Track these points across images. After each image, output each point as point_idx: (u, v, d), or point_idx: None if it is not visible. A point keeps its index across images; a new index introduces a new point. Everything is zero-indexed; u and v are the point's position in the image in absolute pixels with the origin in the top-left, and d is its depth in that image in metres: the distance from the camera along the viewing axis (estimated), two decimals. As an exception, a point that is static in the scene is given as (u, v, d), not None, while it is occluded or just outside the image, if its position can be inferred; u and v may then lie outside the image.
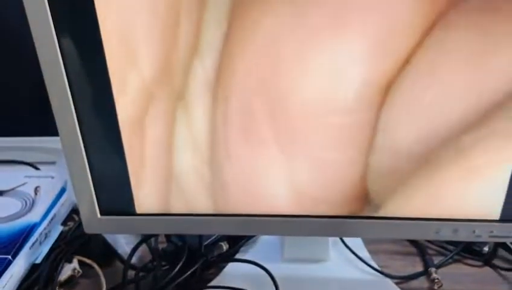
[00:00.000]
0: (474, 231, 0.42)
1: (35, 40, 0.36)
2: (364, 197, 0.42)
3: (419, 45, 0.35)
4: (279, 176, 0.41)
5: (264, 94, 0.38)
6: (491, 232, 0.41)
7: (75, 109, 0.39)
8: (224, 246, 0.54)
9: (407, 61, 0.35)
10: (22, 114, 0.72)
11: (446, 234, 0.42)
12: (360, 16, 0.34)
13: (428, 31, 0.34)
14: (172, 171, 0.42)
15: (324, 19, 0.34)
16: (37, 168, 0.66)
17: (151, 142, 0.41)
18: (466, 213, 0.41)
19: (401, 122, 0.38)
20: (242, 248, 0.56)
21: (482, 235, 0.42)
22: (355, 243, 0.56)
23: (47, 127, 0.62)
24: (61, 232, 0.57)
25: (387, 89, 0.36)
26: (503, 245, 0.54)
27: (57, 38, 0.36)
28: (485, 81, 0.35)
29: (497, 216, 0.41)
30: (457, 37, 0.34)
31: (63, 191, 0.59)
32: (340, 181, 0.41)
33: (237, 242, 0.55)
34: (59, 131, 0.40)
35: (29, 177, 0.61)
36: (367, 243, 0.57)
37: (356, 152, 0.39)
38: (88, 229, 0.45)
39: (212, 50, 0.36)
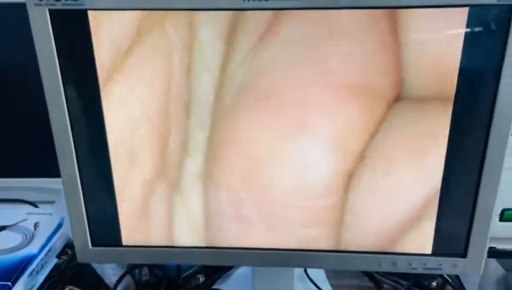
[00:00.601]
0: (410, 264, 0.49)
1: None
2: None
3: (370, 140, 0.43)
4: (262, 242, 0.50)
5: (247, 184, 0.47)
6: (425, 264, 0.49)
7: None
8: (201, 278, 0.61)
9: (362, 154, 0.44)
10: (25, 157, 0.79)
11: (387, 266, 0.49)
12: (319, 121, 0.43)
13: (375, 130, 0.43)
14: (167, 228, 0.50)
15: (291, 125, 0.44)
16: (36, 206, 0.73)
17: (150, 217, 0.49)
18: (403, 248, 0.48)
19: (366, 204, 0.46)
20: (218, 281, 0.63)
21: (418, 267, 0.49)
22: (319, 277, 0.62)
23: (47, 169, 0.69)
24: (56, 264, 0.63)
25: (350, 176, 0.45)
26: (450, 282, 0.61)
27: (74, 144, 0.46)
28: (429, 172, 0.44)
29: (429, 251, 0.48)
30: (398, 134, 0.43)
31: (59, 226, 0.66)
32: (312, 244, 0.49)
33: (213, 275, 0.62)
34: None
35: (30, 214, 0.68)
36: (330, 277, 0.63)
37: (328, 229, 0.48)
38: (81, 258, 0.52)
39: (199, 151, 0.46)
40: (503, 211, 0.53)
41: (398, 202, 0.46)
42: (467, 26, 0.39)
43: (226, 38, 0.41)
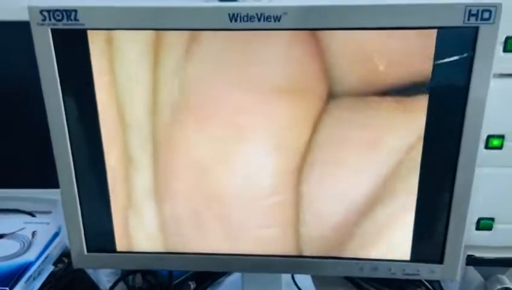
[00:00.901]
0: (390, 269, 0.51)
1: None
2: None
3: (313, 135, 0.46)
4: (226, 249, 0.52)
5: (200, 193, 0.49)
6: (404, 270, 0.51)
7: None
8: (192, 285, 0.63)
9: (307, 148, 0.46)
10: (22, 168, 0.81)
11: (368, 272, 0.51)
12: (255, 124, 0.46)
13: (315, 127, 0.46)
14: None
15: (230, 133, 0.47)
16: (34, 216, 0.75)
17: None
18: (383, 254, 0.51)
19: (320, 198, 0.49)
20: (208, 288, 0.65)
21: (397, 273, 0.51)
22: (306, 284, 0.65)
23: (44, 180, 0.72)
24: (52, 272, 0.65)
25: (299, 172, 0.47)
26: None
27: (72, 157, 0.49)
28: (378, 162, 0.47)
29: (408, 257, 0.51)
30: (341, 129, 0.46)
31: (56, 235, 0.68)
32: (278, 247, 0.52)
33: (204, 282, 0.64)
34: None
35: (28, 223, 0.70)
36: (317, 285, 0.66)
37: (285, 227, 0.50)
38: (76, 264, 0.54)
39: (145, 165, 0.49)
40: (479, 220, 0.55)
41: (353, 196, 0.48)
42: (436, 47, 0.42)
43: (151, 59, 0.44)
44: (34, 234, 0.68)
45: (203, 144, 0.47)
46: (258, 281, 0.61)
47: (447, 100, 0.44)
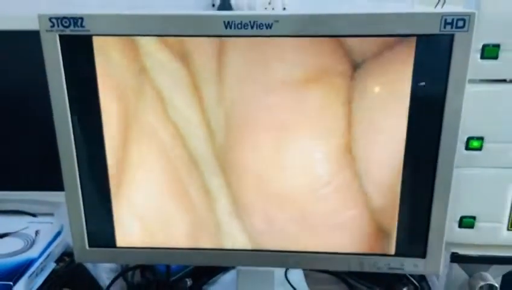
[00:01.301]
0: (376, 264, 0.54)
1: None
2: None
3: (350, 114, 0.49)
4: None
5: (272, 201, 0.53)
6: (389, 264, 0.54)
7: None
8: (189, 282, 0.65)
9: (349, 126, 0.49)
10: (27, 171, 0.84)
11: (355, 266, 0.54)
12: (297, 119, 0.49)
13: (349, 104, 0.48)
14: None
15: (278, 135, 0.50)
16: (36, 217, 0.78)
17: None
18: (368, 249, 0.54)
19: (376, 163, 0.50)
20: (204, 286, 0.67)
21: (382, 267, 0.54)
22: (299, 282, 0.67)
23: (46, 182, 0.75)
24: (54, 269, 0.68)
25: (349, 150, 0.50)
26: (419, 288, 0.66)
27: (76, 158, 0.52)
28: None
29: (392, 252, 0.54)
30: (370, 102, 0.48)
31: (58, 234, 0.71)
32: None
33: (200, 279, 0.67)
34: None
35: (31, 222, 0.73)
36: (310, 284, 0.68)
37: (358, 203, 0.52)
38: (78, 258, 0.57)
39: (221, 193, 0.52)
40: (461, 218, 0.58)
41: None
42: (415, 53, 0.46)
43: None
44: (37, 232, 0.70)
45: (262, 153, 0.51)
46: (252, 278, 0.63)
47: (426, 102, 0.48)
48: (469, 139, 0.55)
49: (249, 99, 0.49)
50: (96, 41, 0.48)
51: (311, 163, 0.51)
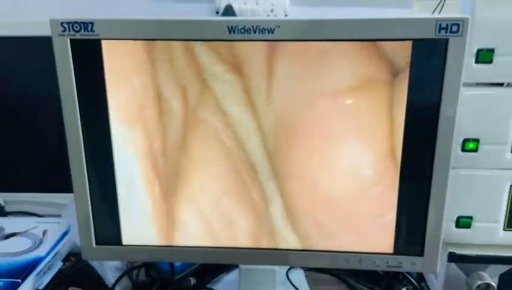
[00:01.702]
0: (374, 262, 0.55)
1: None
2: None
3: (394, 118, 0.50)
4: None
5: (321, 204, 0.54)
6: (387, 262, 0.55)
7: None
8: (192, 281, 0.67)
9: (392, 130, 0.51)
10: (35, 174, 0.86)
11: (354, 263, 0.56)
12: (345, 123, 0.51)
13: (391, 107, 0.50)
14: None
15: (329, 138, 0.52)
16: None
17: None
18: (367, 248, 0.55)
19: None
20: (208, 284, 0.69)
21: (381, 265, 0.55)
22: (300, 283, 0.68)
23: (54, 185, 0.77)
24: (60, 269, 0.70)
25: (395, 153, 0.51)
26: (419, 288, 0.67)
27: (86, 161, 0.54)
28: None
29: (391, 250, 0.55)
30: None
31: (65, 233, 0.72)
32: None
33: (204, 278, 0.68)
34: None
35: (39, 222, 0.75)
36: (311, 283, 0.70)
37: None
38: (85, 256, 0.59)
39: (275, 195, 0.54)
40: (458, 218, 0.59)
41: None
42: (411, 57, 0.48)
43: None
44: (44, 232, 0.72)
45: (313, 156, 0.52)
46: (254, 278, 0.65)
47: (422, 104, 0.49)
48: (465, 140, 0.57)
49: (297, 105, 0.51)
50: (106, 45, 0.50)
51: (358, 167, 0.52)
